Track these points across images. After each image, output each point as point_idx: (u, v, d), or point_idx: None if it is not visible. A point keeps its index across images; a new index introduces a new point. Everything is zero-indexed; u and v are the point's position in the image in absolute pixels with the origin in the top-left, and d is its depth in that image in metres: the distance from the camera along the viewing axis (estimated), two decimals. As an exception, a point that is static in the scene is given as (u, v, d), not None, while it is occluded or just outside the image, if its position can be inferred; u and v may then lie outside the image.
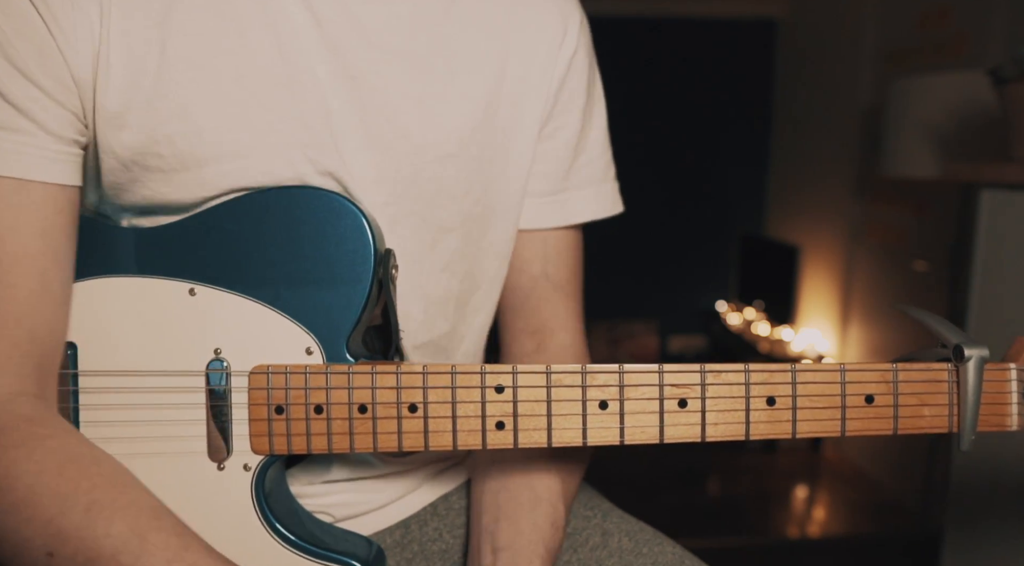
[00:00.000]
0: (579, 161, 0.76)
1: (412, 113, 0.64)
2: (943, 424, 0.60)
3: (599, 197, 0.78)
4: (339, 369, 0.59)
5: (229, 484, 0.60)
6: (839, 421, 0.59)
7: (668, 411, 0.58)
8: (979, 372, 0.59)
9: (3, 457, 0.53)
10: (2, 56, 0.54)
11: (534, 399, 0.58)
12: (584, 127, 0.75)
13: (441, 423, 0.58)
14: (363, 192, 0.63)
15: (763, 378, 0.58)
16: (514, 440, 0.58)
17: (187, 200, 0.60)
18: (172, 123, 0.58)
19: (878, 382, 0.60)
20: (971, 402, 0.59)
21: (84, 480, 0.53)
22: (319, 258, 0.60)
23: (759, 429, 0.59)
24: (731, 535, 2.45)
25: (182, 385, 0.60)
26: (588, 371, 0.58)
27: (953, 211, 2.39)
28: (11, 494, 0.52)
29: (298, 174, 0.61)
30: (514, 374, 0.58)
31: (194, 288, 0.60)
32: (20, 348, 0.55)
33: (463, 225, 0.69)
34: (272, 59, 0.60)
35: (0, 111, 0.55)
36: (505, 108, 0.69)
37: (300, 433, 0.59)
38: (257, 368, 0.59)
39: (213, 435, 0.60)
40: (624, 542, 0.72)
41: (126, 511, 0.52)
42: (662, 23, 3.70)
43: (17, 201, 0.55)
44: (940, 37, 2.51)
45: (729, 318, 3.78)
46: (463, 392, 0.58)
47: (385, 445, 0.59)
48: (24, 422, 0.54)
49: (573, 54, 0.72)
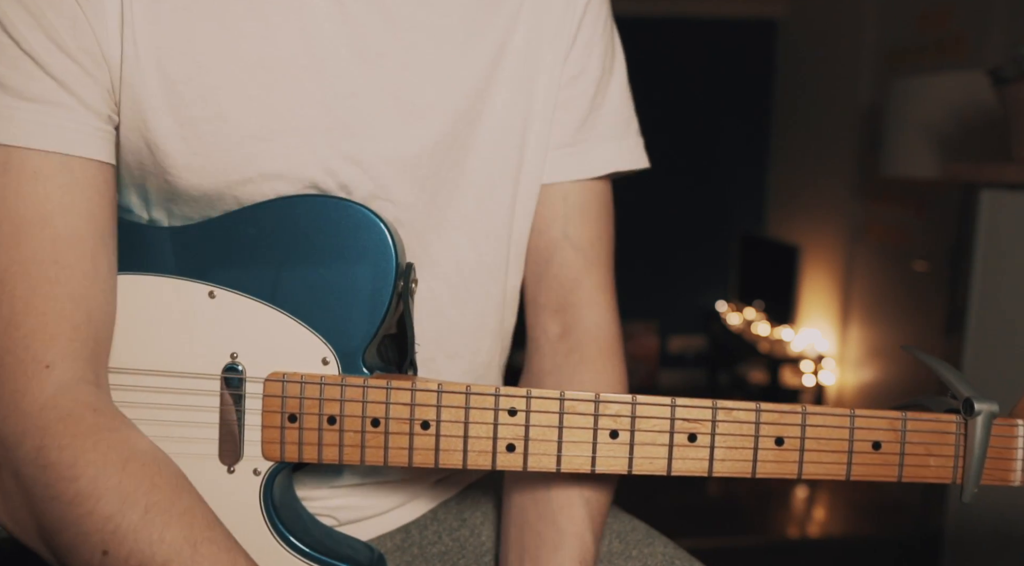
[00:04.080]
0: (600, 112, 0.72)
1: (436, 85, 0.64)
2: (947, 475, 0.60)
3: (622, 150, 0.73)
4: (354, 381, 0.59)
5: (238, 488, 0.60)
6: (845, 466, 0.60)
7: (677, 444, 0.59)
8: (987, 427, 0.59)
9: (70, 446, 0.52)
10: (39, 29, 0.53)
11: (546, 424, 0.58)
12: (604, 76, 0.72)
13: (452, 442, 0.59)
14: (401, 169, 0.63)
15: (773, 418, 0.59)
16: (523, 463, 0.59)
17: (207, 186, 0.59)
18: (195, 106, 0.57)
19: (886, 429, 0.60)
20: (977, 456, 0.59)
21: (146, 479, 0.52)
22: (340, 269, 0.60)
23: (765, 468, 0.59)
24: (731, 535, 2.45)
25: (197, 387, 0.60)
26: (601, 400, 0.58)
27: (953, 211, 2.39)
28: (74, 484, 0.51)
29: (319, 158, 0.61)
30: (528, 398, 0.58)
31: (214, 291, 0.60)
32: (80, 331, 0.54)
33: (496, 188, 0.68)
34: (295, 42, 0.59)
35: (41, 84, 0.53)
36: (522, 59, 0.68)
37: (312, 443, 0.59)
38: (273, 375, 0.59)
39: (225, 439, 0.60)
40: (614, 544, 0.71)
41: (182, 517, 0.52)
42: (662, 23, 3.70)
43: (64, 181, 0.54)
44: (940, 37, 2.51)
45: (729, 318, 3.78)
46: (476, 413, 0.58)
47: (396, 460, 0.59)
48: (90, 411, 0.53)
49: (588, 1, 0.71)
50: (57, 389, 0.53)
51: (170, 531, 0.51)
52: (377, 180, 0.63)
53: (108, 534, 0.51)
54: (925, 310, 2.58)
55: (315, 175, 0.61)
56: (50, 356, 0.53)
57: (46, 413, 0.53)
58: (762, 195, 3.94)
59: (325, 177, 0.61)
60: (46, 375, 0.53)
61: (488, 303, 0.71)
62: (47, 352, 0.53)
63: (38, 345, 0.53)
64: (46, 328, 0.53)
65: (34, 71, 0.53)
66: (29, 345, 0.53)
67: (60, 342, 0.54)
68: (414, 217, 0.65)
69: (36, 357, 0.53)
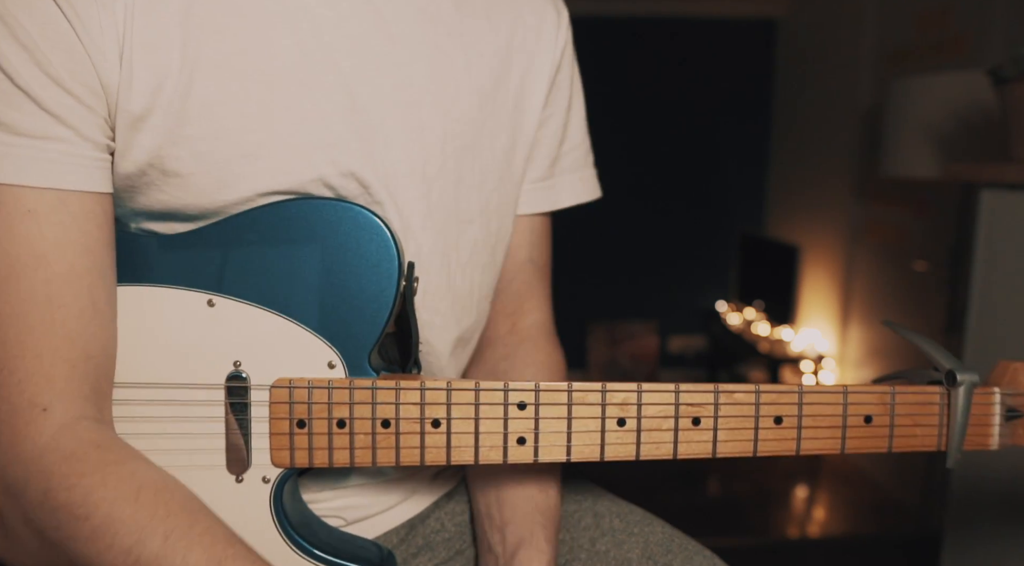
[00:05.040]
0: (564, 147, 0.78)
1: (433, 106, 0.64)
2: (932, 443, 0.64)
3: (583, 182, 0.81)
4: (363, 384, 0.59)
5: (248, 497, 0.60)
6: (840, 440, 0.62)
7: (683, 428, 0.61)
8: (969, 396, 0.63)
9: (78, 485, 0.52)
10: (34, 64, 0.52)
11: (555, 416, 0.60)
12: (568, 114, 0.77)
13: (464, 439, 0.59)
14: (396, 188, 0.63)
15: (772, 398, 0.62)
16: (535, 455, 0.60)
17: (204, 204, 0.59)
18: (192, 124, 0.56)
19: (876, 404, 0.63)
20: (960, 423, 0.63)
21: (160, 507, 0.52)
22: (342, 272, 0.59)
23: (766, 446, 0.62)
24: (731, 535, 2.45)
25: (200, 398, 0.59)
26: (608, 389, 0.60)
27: (953, 211, 2.39)
28: (88, 522, 0.51)
29: (319, 175, 0.60)
30: (536, 392, 0.59)
31: (212, 299, 0.59)
32: (77, 369, 0.54)
33: (481, 216, 0.70)
34: (293, 58, 0.59)
35: (35, 118, 0.52)
36: (512, 96, 0.71)
37: (322, 447, 0.59)
38: (279, 382, 0.59)
39: (232, 448, 0.59)
40: (616, 522, 0.75)
41: (202, 539, 0.52)
42: (662, 23, 3.70)
43: (60, 218, 0.53)
44: (940, 37, 2.51)
45: (729, 318, 3.78)
46: (486, 408, 0.59)
47: (407, 460, 0.59)
48: (93, 448, 0.53)
49: (566, 43, 0.75)
50: (57, 430, 0.53)
51: (193, 554, 0.51)
52: (376, 196, 0.63)
53: (131, 565, 0.51)
54: (925, 310, 2.58)
55: (315, 191, 0.61)
56: (46, 398, 0.53)
57: (47, 456, 0.52)
58: (762, 195, 3.94)
59: (325, 193, 0.61)
60: (44, 418, 0.53)
61: (472, 326, 0.74)
62: (43, 394, 0.53)
63: (33, 388, 0.53)
64: (42, 370, 0.53)
65: (28, 106, 0.52)
66: (24, 389, 0.53)
67: (57, 383, 0.53)
68: (408, 238, 0.65)
69: (32, 401, 0.53)
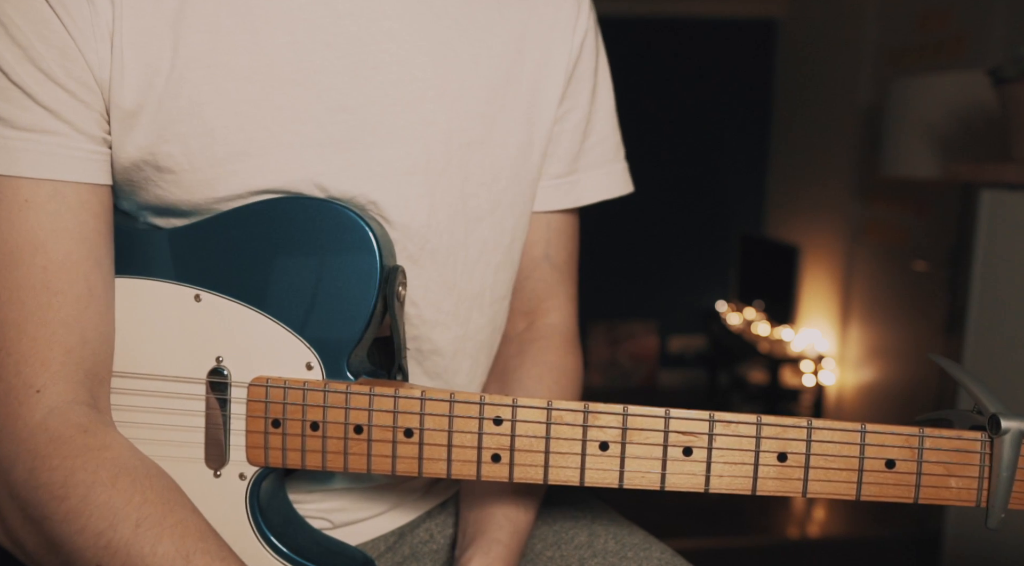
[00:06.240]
0: (588, 142, 0.75)
1: (437, 101, 0.63)
2: (971, 498, 0.56)
3: (609, 177, 0.77)
4: (337, 387, 0.58)
5: (224, 492, 0.60)
6: (855, 484, 0.56)
7: (672, 459, 0.56)
8: (1016, 447, 0.54)
9: (60, 466, 0.53)
10: (28, 61, 0.53)
11: (533, 434, 0.56)
12: (591, 108, 0.74)
13: (436, 451, 0.57)
14: (394, 186, 0.62)
15: (776, 433, 0.55)
16: (510, 474, 0.57)
17: (198, 201, 0.59)
18: (184, 122, 0.57)
19: (901, 447, 0.55)
20: (1004, 478, 0.54)
21: (136, 495, 0.53)
22: (324, 272, 0.59)
23: (767, 486, 0.56)
24: (731, 535, 2.45)
25: (183, 391, 0.60)
26: (590, 411, 0.56)
27: (953, 211, 2.39)
28: (65, 503, 0.52)
29: (312, 174, 0.60)
30: (514, 408, 0.56)
31: (200, 294, 0.59)
32: (73, 354, 0.55)
33: (492, 213, 0.68)
34: (286, 56, 0.58)
35: (31, 113, 0.54)
36: (526, 91, 0.69)
37: (296, 449, 0.58)
38: (256, 380, 0.59)
39: (212, 443, 0.60)
40: (610, 544, 0.72)
41: (174, 530, 0.53)
42: (662, 23, 3.70)
43: (55, 207, 0.55)
44: (940, 37, 2.51)
45: (729, 318, 3.78)
46: (460, 421, 0.57)
47: (379, 468, 0.58)
48: (79, 432, 0.54)
49: (585, 34, 0.72)
50: (48, 412, 0.54)
51: (162, 544, 0.52)
52: (368, 197, 0.62)
53: (101, 549, 0.52)
54: (925, 310, 2.58)
55: (306, 191, 0.60)
56: (41, 381, 0.55)
57: (36, 436, 0.54)
58: (762, 195, 3.94)
59: (317, 193, 0.61)
60: (36, 399, 0.54)
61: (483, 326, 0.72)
62: (38, 377, 0.54)
63: (29, 370, 0.54)
64: (37, 353, 0.55)
65: (24, 101, 0.54)
66: (20, 370, 0.54)
67: (52, 366, 0.55)
68: (407, 236, 0.64)
69: (27, 382, 0.54)
